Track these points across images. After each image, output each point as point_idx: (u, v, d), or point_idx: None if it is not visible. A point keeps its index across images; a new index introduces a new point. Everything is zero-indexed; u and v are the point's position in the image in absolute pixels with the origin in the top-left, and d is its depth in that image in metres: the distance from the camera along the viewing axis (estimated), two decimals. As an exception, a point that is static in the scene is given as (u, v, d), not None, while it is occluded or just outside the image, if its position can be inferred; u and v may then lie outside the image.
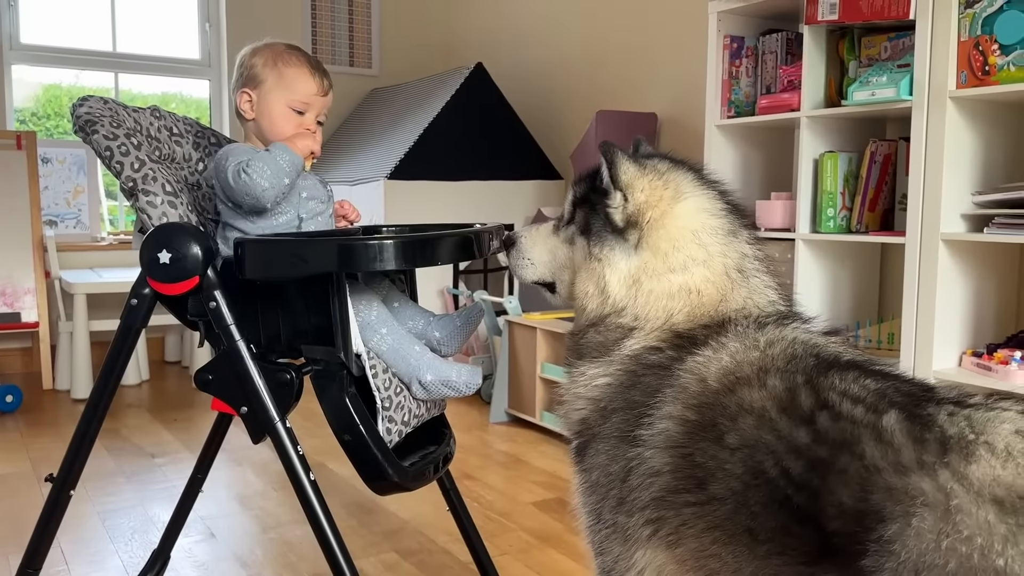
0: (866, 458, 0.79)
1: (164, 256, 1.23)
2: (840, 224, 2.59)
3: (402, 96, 4.32)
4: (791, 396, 0.88)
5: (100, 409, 1.30)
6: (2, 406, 3.33)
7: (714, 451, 0.89)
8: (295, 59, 1.46)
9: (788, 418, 0.86)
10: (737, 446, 0.88)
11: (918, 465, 0.76)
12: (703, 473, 0.89)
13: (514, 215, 3.84)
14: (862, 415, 0.83)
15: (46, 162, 4.24)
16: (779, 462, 0.84)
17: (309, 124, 1.46)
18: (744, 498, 0.85)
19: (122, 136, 1.32)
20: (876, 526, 0.75)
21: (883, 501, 0.75)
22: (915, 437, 0.79)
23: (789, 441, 0.84)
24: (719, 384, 0.94)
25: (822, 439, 0.83)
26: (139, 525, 2.27)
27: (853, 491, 0.78)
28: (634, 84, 3.74)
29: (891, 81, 2.33)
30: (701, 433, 0.91)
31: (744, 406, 0.90)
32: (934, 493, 0.74)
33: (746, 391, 0.91)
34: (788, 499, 0.82)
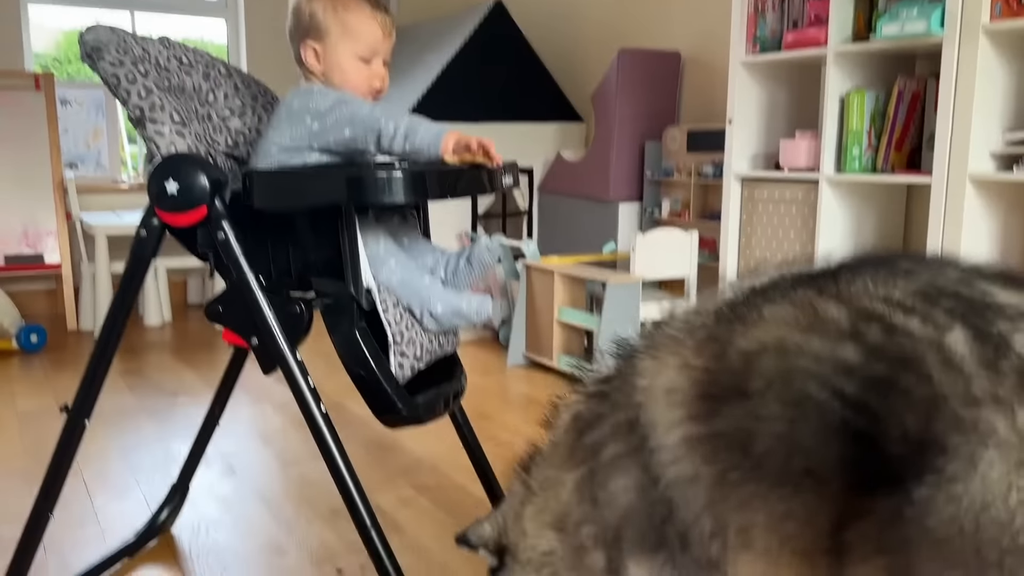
0: (933, 381, 0.70)
1: (171, 186, 1.22)
2: (865, 164, 2.53)
3: (420, 36, 4.25)
4: (812, 313, 0.78)
5: (113, 339, 1.31)
6: (27, 345, 3.38)
7: (741, 409, 0.79)
8: (355, 3, 1.37)
9: (819, 336, 0.76)
10: (764, 387, 0.77)
11: (992, 399, 0.67)
12: (741, 438, 0.78)
13: (533, 158, 3.80)
14: (920, 329, 0.73)
15: (65, 104, 4.23)
16: (827, 383, 0.74)
17: (379, 71, 1.39)
18: (794, 438, 0.75)
19: (129, 63, 1.30)
20: (937, 458, 0.67)
21: (948, 431, 0.68)
22: (988, 364, 0.69)
23: (834, 360, 0.75)
24: (701, 361, 0.83)
25: (878, 355, 0.73)
26: (160, 460, 2.30)
27: (919, 416, 0.69)
28: (657, 22, 3.65)
29: (922, 14, 2.25)
30: (718, 406, 0.81)
31: (749, 351, 0.80)
32: (1007, 434, 0.66)
33: (740, 339, 0.81)
34: (846, 423, 0.73)
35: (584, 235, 3.54)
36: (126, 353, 3.44)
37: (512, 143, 3.74)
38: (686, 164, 3.30)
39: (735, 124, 2.83)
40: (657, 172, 3.42)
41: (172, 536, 1.85)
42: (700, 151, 3.24)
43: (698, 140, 3.26)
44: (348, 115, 1.28)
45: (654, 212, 3.43)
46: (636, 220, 3.46)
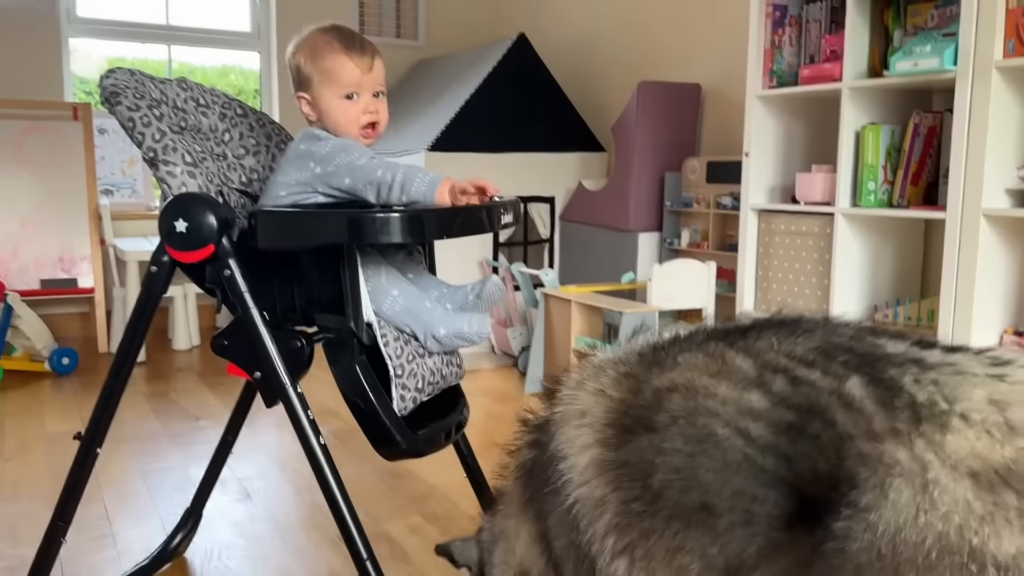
0: (838, 425, 0.76)
1: (181, 225, 1.27)
2: (881, 198, 2.53)
3: (447, 67, 4.33)
4: (720, 362, 0.84)
5: (124, 370, 1.36)
6: (59, 367, 3.47)
7: (646, 442, 0.84)
8: (329, 47, 1.43)
9: (726, 382, 0.83)
10: (669, 422, 0.83)
11: (892, 433, 0.74)
12: (643, 469, 0.84)
13: (555, 187, 3.84)
14: (822, 380, 0.79)
15: (103, 132, 4.36)
16: (731, 423, 0.80)
17: (368, 107, 1.45)
18: (691, 471, 0.81)
19: (144, 107, 1.36)
20: (850, 492, 0.73)
21: (856, 467, 0.73)
22: (884, 403, 0.76)
23: (739, 404, 0.80)
24: (617, 393, 0.89)
25: (785, 403, 0.79)
26: (180, 484, 2.35)
27: (828, 457, 0.75)
28: (677, 55, 3.68)
29: (935, 50, 2.26)
30: (627, 436, 0.86)
31: (661, 388, 0.86)
32: (910, 463, 0.72)
33: (655, 379, 0.87)
34: (749, 460, 0.78)
35: (604, 264, 3.57)
36: (154, 377, 3.53)
37: (534, 172, 3.79)
38: (705, 195, 3.32)
39: (752, 157, 2.84)
40: (676, 203, 3.44)
41: (185, 560, 1.90)
42: (719, 182, 3.26)
43: (718, 171, 3.27)
44: (348, 164, 1.34)
45: (673, 242, 3.44)
46: (655, 250, 3.48)
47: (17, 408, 3.06)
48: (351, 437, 2.73)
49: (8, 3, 4.01)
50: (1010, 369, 0.77)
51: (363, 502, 2.19)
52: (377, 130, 1.48)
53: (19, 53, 4.06)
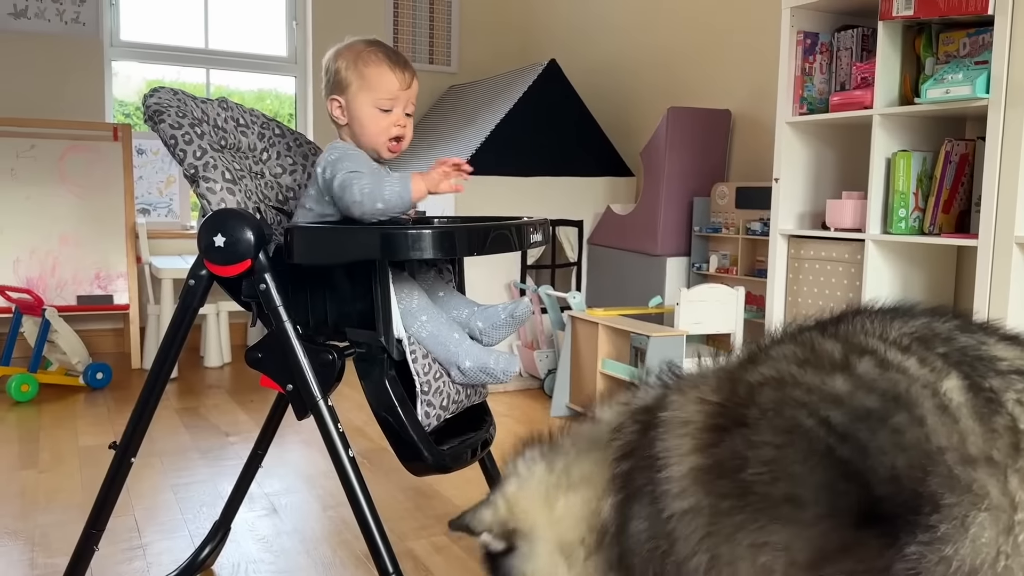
0: (927, 426, 0.70)
1: (219, 240, 1.30)
2: (912, 225, 2.52)
3: (478, 92, 4.38)
4: (809, 349, 0.81)
5: (159, 382, 1.39)
6: (93, 382, 3.53)
7: (740, 437, 0.80)
8: (374, 57, 1.48)
9: (814, 369, 0.79)
10: (759, 416, 0.79)
11: (986, 460, 0.68)
12: (735, 466, 0.80)
13: (584, 211, 3.86)
14: (916, 369, 0.74)
15: (141, 153, 4.46)
16: (814, 412, 0.75)
17: (398, 120, 1.49)
18: (779, 463, 0.76)
19: (187, 125, 1.40)
20: (931, 515, 0.68)
21: (943, 489, 0.68)
22: (983, 419, 0.70)
23: (822, 391, 0.76)
24: (716, 397, 0.86)
25: (867, 387, 0.74)
26: (208, 499, 2.38)
27: (911, 460, 0.70)
28: (707, 81, 3.70)
29: (967, 78, 2.26)
30: (721, 436, 0.83)
31: (754, 383, 0.82)
32: (999, 498, 0.67)
33: (748, 375, 0.84)
34: (831, 450, 0.74)
35: (632, 288, 3.57)
36: (185, 393, 3.57)
37: (563, 196, 3.81)
38: (734, 220, 3.32)
39: (782, 183, 2.85)
40: (705, 228, 3.44)
41: (213, 573, 1.92)
42: (749, 208, 3.26)
43: (747, 197, 3.28)
44: (340, 181, 1.40)
45: (701, 267, 3.44)
46: (683, 275, 3.48)
47: (52, 421, 3.12)
48: (378, 456, 2.75)
49: (55, 28, 4.13)
50: None
51: (389, 519, 2.21)
52: (401, 145, 1.52)
53: (63, 75, 4.18)
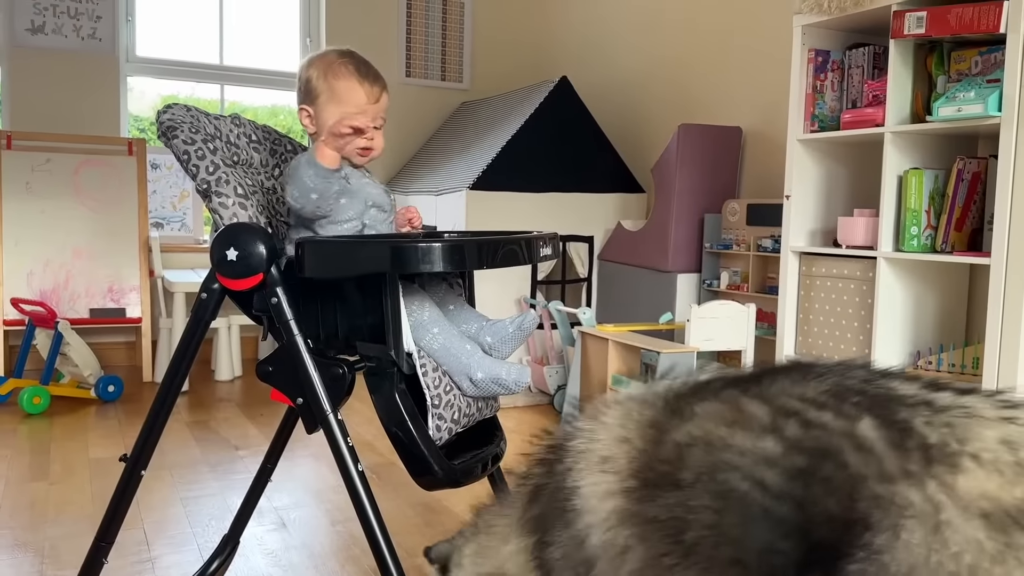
0: (849, 467, 0.77)
1: (231, 254, 1.31)
2: (924, 243, 2.51)
3: (489, 109, 4.40)
4: (736, 410, 0.86)
5: (171, 394, 1.40)
6: (104, 395, 3.55)
7: (674, 499, 0.85)
8: (344, 70, 1.51)
9: (743, 431, 0.84)
10: (693, 479, 0.84)
11: (903, 474, 0.75)
12: (674, 525, 0.84)
13: (594, 227, 3.86)
14: (833, 422, 0.80)
15: (155, 167, 4.50)
16: (749, 475, 0.81)
17: (365, 134, 1.52)
18: (721, 528, 0.81)
19: (199, 141, 1.41)
20: (864, 534, 0.74)
21: (870, 509, 0.74)
22: (895, 444, 0.77)
23: (755, 453, 0.82)
24: (640, 442, 0.91)
25: (797, 448, 0.80)
26: (217, 512, 2.38)
27: (840, 499, 0.76)
28: (718, 98, 3.71)
29: (979, 96, 2.26)
30: (653, 492, 0.87)
31: (681, 443, 0.88)
32: (922, 504, 0.73)
33: (675, 431, 0.88)
34: (767, 512, 0.79)
35: (642, 304, 3.57)
36: (196, 407, 3.58)
37: (574, 212, 3.82)
38: (745, 237, 3.32)
39: (793, 200, 2.84)
40: (716, 244, 3.44)
41: (221, 586, 1.92)
42: (760, 224, 3.26)
43: (758, 214, 3.27)
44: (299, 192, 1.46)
45: (712, 283, 3.44)
46: (694, 291, 3.47)
47: (63, 433, 3.13)
48: (387, 471, 2.74)
49: (72, 43, 4.18)
50: (1021, 412, 0.79)
51: (397, 534, 2.20)
52: (369, 155, 1.55)
53: (79, 90, 4.22)
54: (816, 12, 2.69)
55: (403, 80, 4.80)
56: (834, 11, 2.63)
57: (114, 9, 4.26)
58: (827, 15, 2.67)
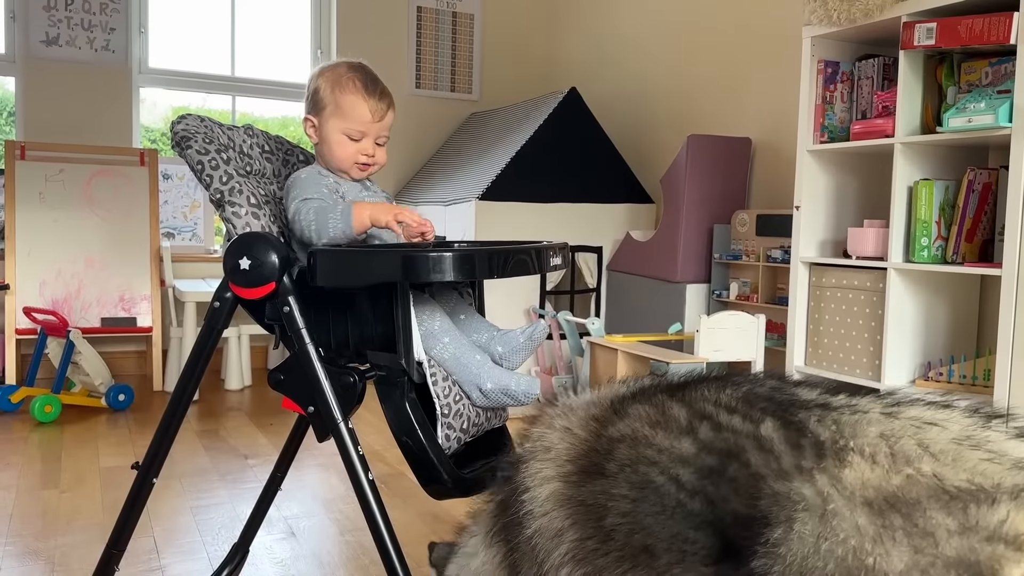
0: (751, 466, 0.83)
1: (244, 263, 1.32)
2: (935, 254, 2.51)
3: (499, 120, 4.42)
4: (661, 412, 0.93)
5: (183, 402, 1.40)
6: (115, 404, 3.56)
7: (600, 486, 0.92)
8: (352, 85, 1.52)
9: (664, 431, 0.91)
10: (617, 470, 0.91)
11: (797, 471, 0.81)
12: (597, 512, 0.91)
13: (603, 237, 3.87)
14: (741, 425, 0.88)
15: (167, 178, 4.53)
16: (665, 471, 0.88)
17: (366, 149, 1.54)
18: (635, 516, 0.88)
19: (213, 151, 1.42)
20: (764, 530, 0.79)
21: (770, 506, 0.80)
22: (792, 443, 0.84)
23: (672, 452, 0.89)
24: (584, 433, 0.98)
25: (708, 449, 0.87)
26: (227, 521, 2.39)
27: (745, 498, 0.82)
28: (727, 109, 3.72)
29: (989, 107, 2.26)
30: (584, 478, 0.94)
31: (613, 437, 0.95)
32: (813, 497, 0.78)
33: (611, 427, 0.96)
34: (681, 505, 0.86)
35: (651, 315, 3.56)
36: (205, 416, 3.60)
37: (583, 222, 3.82)
38: (755, 248, 3.32)
39: (803, 210, 2.84)
40: (725, 255, 3.44)
41: (231, 595, 1.92)
42: (770, 235, 3.26)
43: (768, 224, 3.27)
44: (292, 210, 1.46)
45: (722, 294, 3.43)
46: (703, 301, 3.47)
47: (74, 442, 3.15)
48: (396, 481, 2.75)
49: (86, 55, 4.22)
50: (903, 408, 0.87)
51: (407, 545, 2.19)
52: (369, 170, 1.57)
53: (92, 101, 4.26)
54: (825, 23, 2.70)
55: (413, 91, 4.83)
56: (843, 22, 2.64)
57: (127, 21, 4.30)
58: (836, 26, 2.68)
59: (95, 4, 4.21)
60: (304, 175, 1.53)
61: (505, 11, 5.07)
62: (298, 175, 1.54)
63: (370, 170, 1.56)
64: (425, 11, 4.89)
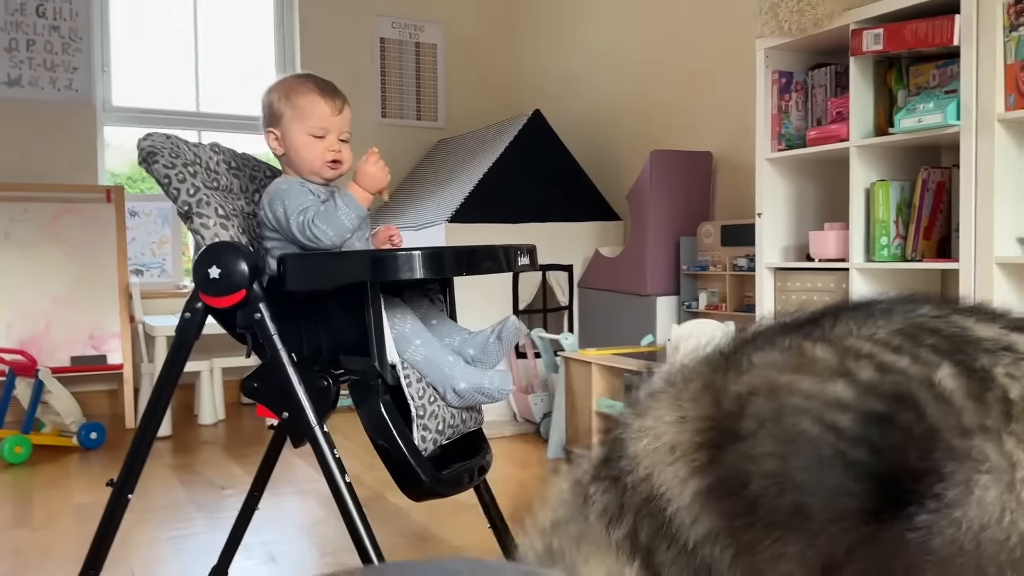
0: (928, 417, 0.74)
1: (214, 271, 1.33)
2: (895, 252, 2.57)
3: (465, 145, 4.47)
4: (798, 355, 0.81)
5: (156, 415, 1.40)
6: (87, 442, 3.51)
7: (737, 452, 0.79)
8: (304, 87, 1.56)
9: (809, 376, 0.79)
10: (755, 428, 0.79)
11: (981, 429, 0.72)
12: (739, 481, 0.79)
13: (573, 255, 3.91)
14: (910, 367, 0.77)
15: (134, 215, 4.51)
16: (819, 418, 0.76)
17: (332, 146, 1.56)
18: (785, 473, 0.77)
19: (180, 165, 1.44)
20: (936, 485, 0.71)
21: (944, 460, 0.72)
22: (976, 396, 0.74)
23: (823, 397, 0.77)
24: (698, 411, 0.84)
25: (872, 391, 0.76)
26: (206, 550, 2.36)
27: (918, 449, 0.73)
28: (688, 124, 3.79)
29: (938, 107, 2.33)
30: (718, 453, 0.81)
31: (743, 393, 0.81)
32: (998, 459, 0.71)
33: (732, 385, 0.82)
34: (841, 454, 0.75)
35: (623, 329, 3.60)
36: (180, 450, 3.56)
37: (552, 242, 3.86)
38: (721, 258, 3.37)
39: (764, 217, 2.90)
40: (693, 266, 3.49)
41: (211, 619, 1.90)
42: (735, 245, 3.31)
43: (732, 234, 3.33)
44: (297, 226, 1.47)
45: (691, 305, 3.48)
46: (674, 313, 3.51)
47: (45, 481, 3.10)
48: (377, 503, 2.73)
49: (49, 95, 4.21)
50: None
51: (387, 562, 2.19)
52: (339, 169, 1.58)
53: (57, 141, 4.24)
54: (777, 35, 2.78)
55: (379, 120, 4.87)
56: (795, 33, 2.72)
57: (90, 60, 4.30)
58: (788, 37, 2.75)
59: (57, 44, 4.22)
60: (285, 185, 1.54)
61: (467, 40, 5.15)
62: (277, 185, 1.54)
63: (340, 168, 1.58)
64: (388, 42, 4.95)
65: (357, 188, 1.52)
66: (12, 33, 4.13)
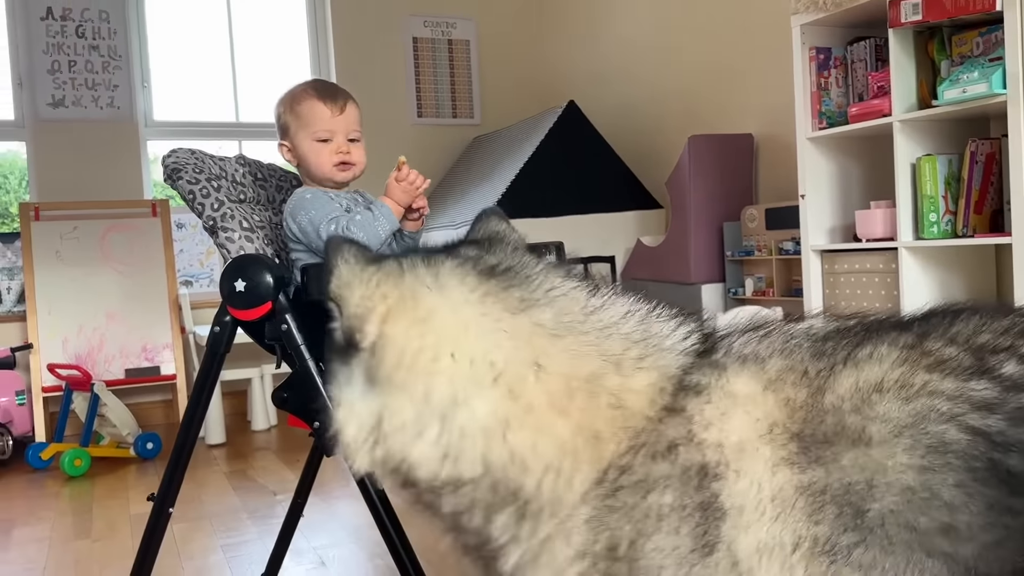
0: None
1: (240, 284, 1.33)
2: (945, 229, 2.48)
3: (501, 140, 4.45)
4: (918, 353, 0.71)
5: (193, 428, 1.41)
6: (143, 452, 3.59)
7: (859, 458, 0.68)
8: (304, 95, 1.56)
9: (941, 373, 0.69)
10: (891, 432, 0.68)
11: None
12: (858, 493, 0.68)
13: (615, 246, 3.86)
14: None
15: (180, 227, 4.59)
16: (965, 423, 0.66)
17: (339, 148, 1.55)
18: (927, 489, 0.66)
19: (204, 180, 1.45)
20: None
21: None
22: None
23: (968, 399, 0.68)
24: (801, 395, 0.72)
25: (1018, 387, 0.67)
26: (258, 557, 2.38)
27: None
28: (726, 106, 3.71)
29: (982, 76, 2.24)
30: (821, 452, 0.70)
31: (863, 387, 0.71)
32: None
33: (844, 379, 0.72)
34: (994, 465, 0.65)
35: (668, 319, 3.54)
36: (233, 457, 3.61)
37: (593, 233, 3.82)
38: (766, 242, 3.30)
39: (808, 198, 2.83)
40: (737, 252, 3.42)
41: (262, 626, 1.92)
42: (780, 228, 3.24)
43: (777, 217, 3.25)
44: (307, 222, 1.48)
45: (737, 291, 3.41)
46: (720, 300, 3.45)
47: (104, 492, 3.17)
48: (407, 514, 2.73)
49: (92, 113, 4.31)
50: None
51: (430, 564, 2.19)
52: (351, 170, 1.57)
53: (102, 158, 4.34)
54: (812, 10, 2.70)
55: (415, 121, 4.87)
56: (831, 7, 2.64)
57: (130, 77, 4.39)
58: (824, 12, 2.67)
59: (97, 63, 4.31)
60: (309, 195, 1.54)
61: (499, 34, 5.12)
62: (301, 195, 1.54)
63: (352, 170, 1.57)
64: (421, 41, 4.95)
65: (390, 200, 1.53)
66: (54, 55, 4.22)
